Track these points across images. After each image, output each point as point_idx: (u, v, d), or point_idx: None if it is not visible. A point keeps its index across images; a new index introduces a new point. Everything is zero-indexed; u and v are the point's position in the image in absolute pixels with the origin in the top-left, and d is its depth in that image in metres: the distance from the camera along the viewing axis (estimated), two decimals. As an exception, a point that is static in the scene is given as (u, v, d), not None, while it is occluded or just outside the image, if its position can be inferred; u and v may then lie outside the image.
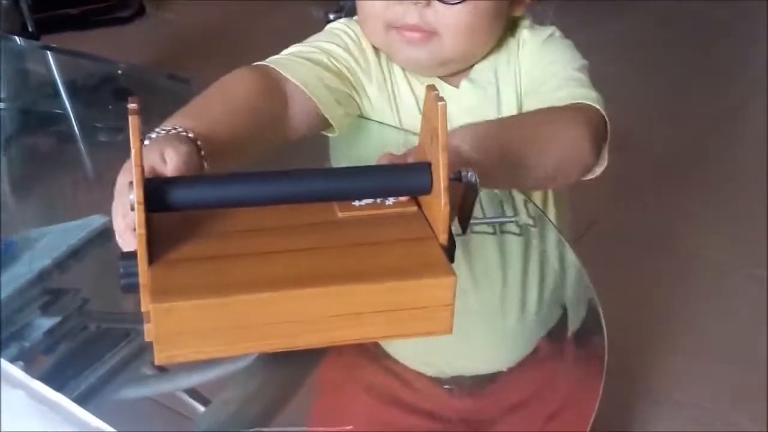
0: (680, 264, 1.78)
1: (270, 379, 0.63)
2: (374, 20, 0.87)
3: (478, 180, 0.59)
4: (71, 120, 1.13)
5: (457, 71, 0.92)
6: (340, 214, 0.59)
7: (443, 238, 0.57)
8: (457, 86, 0.92)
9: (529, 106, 0.88)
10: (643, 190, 2.06)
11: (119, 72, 1.31)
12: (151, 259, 0.56)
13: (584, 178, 0.82)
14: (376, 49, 0.92)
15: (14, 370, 0.54)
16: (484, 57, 0.92)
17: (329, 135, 0.88)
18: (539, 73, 0.90)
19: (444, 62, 0.89)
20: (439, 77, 0.92)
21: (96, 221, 0.74)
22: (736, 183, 2.11)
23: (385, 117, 0.92)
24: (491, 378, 0.72)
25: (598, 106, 0.82)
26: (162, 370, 0.63)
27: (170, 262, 0.57)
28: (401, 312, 0.56)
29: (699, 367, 1.50)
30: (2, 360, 0.55)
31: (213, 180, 0.61)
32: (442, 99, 0.56)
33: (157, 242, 0.57)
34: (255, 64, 0.85)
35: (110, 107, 1.18)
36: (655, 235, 1.87)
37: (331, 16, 2.86)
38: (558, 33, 0.93)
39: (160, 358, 0.55)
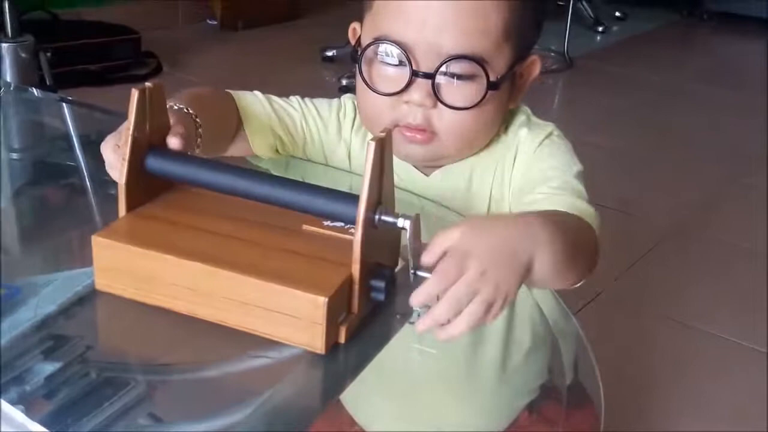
0: (683, 336, 1.77)
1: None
2: (378, 116, 0.86)
3: (408, 228, 0.63)
4: (83, 173, 1.14)
5: (443, 165, 0.91)
6: (304, 227, 0.68)
7: (355, 268, 0.64)
8: (428, 175, 0.92)
9: (523, 202, 0.85)
10: (646, 259, 2.06)
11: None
12: (131, 208, 0.70)
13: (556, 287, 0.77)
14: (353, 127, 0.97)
15: (15, 413, 0.54)
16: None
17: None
18: (536, 174, 0.86)
19: (439, 159, 0.89)
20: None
21: (103, 269, 0.74)
22: (739, 255, 2.10)
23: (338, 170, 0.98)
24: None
25: (594, 227, 0.78)
26: (158, 420, 0.63)
27: (143, 215, 0.71)
28: (279, 314, 0.63)
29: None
30: (3, 402, 0.55)
31: (188, 160, 0.72)
32: (376, 139, 0.61)
33: (147, 199, 0.71)
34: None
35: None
36: (657, 306, 1.87)
37: (344, 82, 2.90)
38: (557, 132, 0.91)
39: (98, 284, 0.69)
